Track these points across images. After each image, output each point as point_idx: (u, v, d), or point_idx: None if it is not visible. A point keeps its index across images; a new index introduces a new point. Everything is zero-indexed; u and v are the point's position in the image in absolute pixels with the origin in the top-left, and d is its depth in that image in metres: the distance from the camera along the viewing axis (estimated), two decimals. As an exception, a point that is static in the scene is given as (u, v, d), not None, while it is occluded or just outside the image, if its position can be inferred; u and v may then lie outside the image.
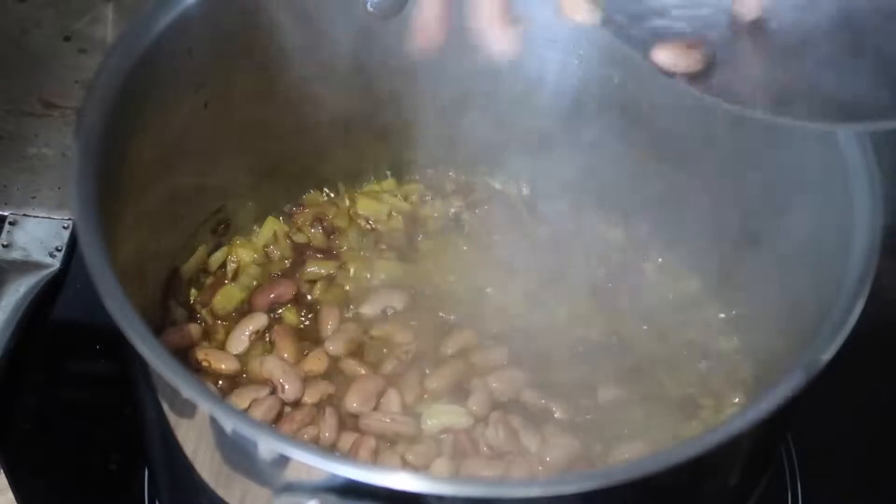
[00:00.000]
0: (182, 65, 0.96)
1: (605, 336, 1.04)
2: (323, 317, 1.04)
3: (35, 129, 1.19)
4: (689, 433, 0.98)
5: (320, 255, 1.10)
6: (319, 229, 1.11)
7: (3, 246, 1.20)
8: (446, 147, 1.12)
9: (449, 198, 1.14)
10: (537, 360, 1.01)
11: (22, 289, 1.17)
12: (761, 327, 1.00)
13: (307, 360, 1.01)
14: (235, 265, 1.09)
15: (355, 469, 0.73)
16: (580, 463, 0.94)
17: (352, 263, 1.09)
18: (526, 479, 0.91)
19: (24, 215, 1.23)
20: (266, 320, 1.04)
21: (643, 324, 1.05)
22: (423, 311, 1.05)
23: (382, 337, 1.03)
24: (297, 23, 1.00)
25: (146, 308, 0.93)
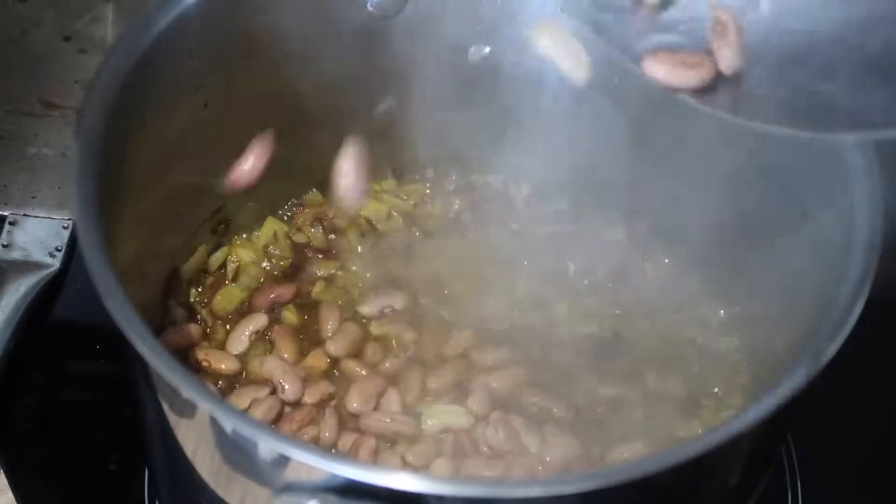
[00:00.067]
0: (182, 65, 0.96)
1: (605, 335, 1.04)
2: (323, 317, 1.04)
3: (35, 129, 1.19)
4: (689, 433, 0.98)
5: (320, 255, 1.10)
6: (319, 229, 1.11)
7: (3, 246, 1.20)
8: (446, 147, 1.12)
9: (449, 198, 1.14)
10: (537, 360, 1.01)
11: (22, 289, 1.17)
12: (761, 327, 1.00)
13: (307, 360, 1.01)
14: (235, 265, 1.09)
15: (355, 469, 0.73)
16: (580, 463, 0.94)
17: (352, 263, 1.09)
18: (526, 479, 0.91)
19: (24, 215, 1.23)
20: (266, 320, 1.04)
21: (643, 323, 1.05)
22: (423, 311, 1.05)
23: (382, 337, 1.03)
24: (298, 23, 1.00)
25: (146, 308, 0.93)
